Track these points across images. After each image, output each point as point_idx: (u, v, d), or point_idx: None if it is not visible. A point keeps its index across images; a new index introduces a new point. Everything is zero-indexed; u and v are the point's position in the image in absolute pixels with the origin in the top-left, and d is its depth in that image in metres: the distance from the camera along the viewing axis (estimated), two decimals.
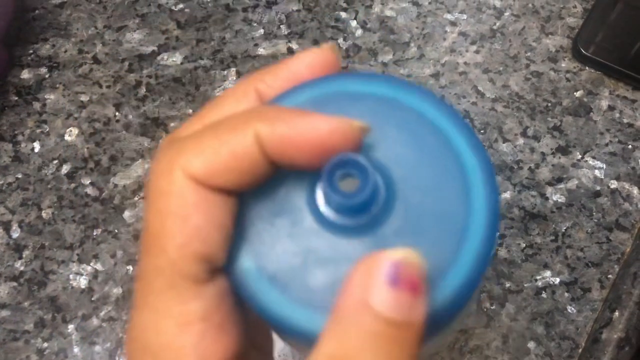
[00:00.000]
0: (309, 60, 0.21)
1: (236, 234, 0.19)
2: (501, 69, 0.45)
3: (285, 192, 0.19)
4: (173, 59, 0.46)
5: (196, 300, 0.18)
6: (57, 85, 0.46)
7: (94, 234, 0.41)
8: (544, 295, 0.38)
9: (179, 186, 0.18)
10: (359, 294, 0.16)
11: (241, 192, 0.19)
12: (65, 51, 0.47)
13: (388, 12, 0.47)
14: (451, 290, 0.18)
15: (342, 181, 0.18)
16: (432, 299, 0.18)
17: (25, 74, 0.46)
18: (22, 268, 0.40)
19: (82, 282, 0.40)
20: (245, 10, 0.48)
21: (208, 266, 0.18)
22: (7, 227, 0.41)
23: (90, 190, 0.42)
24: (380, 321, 0.16)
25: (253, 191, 0.19)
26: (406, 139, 0.19)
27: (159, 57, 0.46)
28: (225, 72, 0.45)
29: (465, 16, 0.47)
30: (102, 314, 0.39)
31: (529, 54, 0.45)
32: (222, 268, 0.19)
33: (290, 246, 0.19)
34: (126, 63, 0.46)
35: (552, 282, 0.39)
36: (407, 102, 0.20)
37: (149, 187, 0.19)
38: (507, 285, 0.38)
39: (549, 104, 0.44)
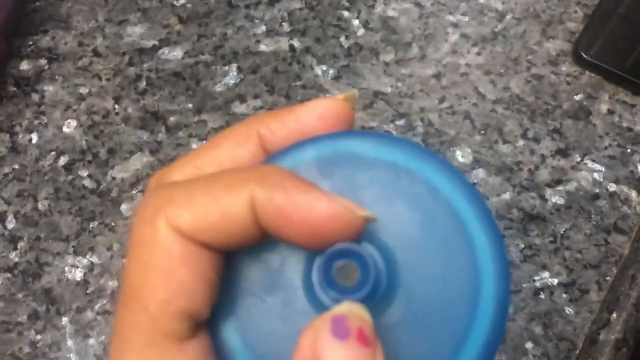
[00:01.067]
0: (320, 111, 0.19)
1: (224, 300, 0.18)
2: (502, 71, 0.45)
3: (279, 264, 0.18)
4: (174, 54, 0.46)
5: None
6: (57, 77, 0.45)
7: (91, 226, 0.41)
8: (542, 296, 0.38)
9: (164, 237, 0.17)
10: (309, 356, 0.15)
11: (230, 250, 0.18)
12: (65, 43, 0.47)
13: (390, 12, 0.47)
14: None
15: (340, 263, 0.17)
16: None
17: (25, 65, 0.46)
18: (16, 259, 0.40)
19: (78, 274, 0.39)
20: (247, 6, 0.48)
21: (191, 323, 0.17)
22: (2, 217, 0.41)
23: (87, 183, 0.42)
24: None
25: (245, 252, 0.18)
26: (416, 217, 0.18)
27: (159, 52, 0.46)
28: (226, 67, 0.45)
29: (467, 18, 0.47)
30: (97, 307, 0.38)
31: (529, 57, 0.45)
32: (204, 322, 0.18)
33: (280, 328, 0.18)
34: (126, 56, 0.46)
35: (550, 283, 0.39)
36: (421, 173, 0.18)
37: (132, 234, 0.17)
38: None
39: (549, 107, 0.44)
